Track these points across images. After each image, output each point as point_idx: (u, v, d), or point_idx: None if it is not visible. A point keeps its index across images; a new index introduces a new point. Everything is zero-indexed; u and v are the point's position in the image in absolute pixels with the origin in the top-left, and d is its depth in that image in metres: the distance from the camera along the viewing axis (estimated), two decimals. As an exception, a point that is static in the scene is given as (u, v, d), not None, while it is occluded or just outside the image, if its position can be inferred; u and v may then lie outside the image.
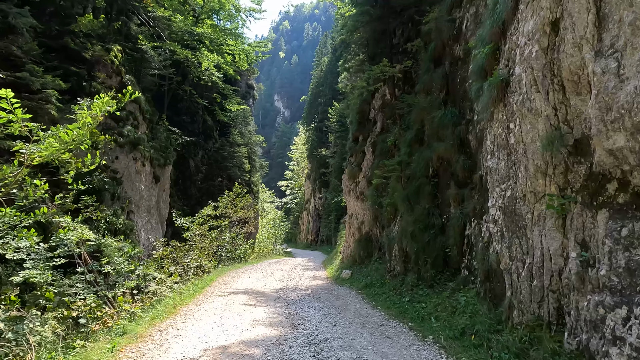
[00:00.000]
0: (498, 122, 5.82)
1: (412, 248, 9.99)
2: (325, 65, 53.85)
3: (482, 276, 6.37)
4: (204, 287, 11.17)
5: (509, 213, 5.33)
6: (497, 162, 5.82)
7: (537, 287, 4.59)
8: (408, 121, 13.37)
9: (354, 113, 19.04)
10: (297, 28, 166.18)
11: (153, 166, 17.94)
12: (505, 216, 5.41)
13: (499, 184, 5.68)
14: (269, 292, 11.48)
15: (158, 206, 19.33)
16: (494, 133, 6.09)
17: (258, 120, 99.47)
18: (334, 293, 11.53)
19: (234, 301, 9.37)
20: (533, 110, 4.72)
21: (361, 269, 14.82)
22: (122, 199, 15.12)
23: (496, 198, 5.73)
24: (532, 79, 4.72)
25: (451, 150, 9.40)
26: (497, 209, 5.64)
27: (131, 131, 15.80)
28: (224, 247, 20.64)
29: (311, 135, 49.96)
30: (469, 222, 8.24)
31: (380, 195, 14.44)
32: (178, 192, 24.94)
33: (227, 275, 15.02)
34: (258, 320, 7.47)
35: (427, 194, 10.32)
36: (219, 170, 29.04)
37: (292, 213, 62.15)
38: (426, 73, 11.70)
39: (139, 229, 16.14)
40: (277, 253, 33.64)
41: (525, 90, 4.87)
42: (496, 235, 5.64)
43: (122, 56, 16.32)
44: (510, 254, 5.25)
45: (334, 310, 8.76)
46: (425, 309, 7.72)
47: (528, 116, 4.82)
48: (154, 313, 7.37)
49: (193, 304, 8.73)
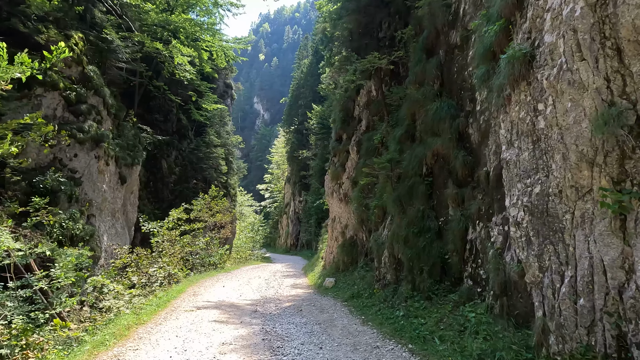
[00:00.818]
0: (519, 105, 4.85)
1: (405, 254, 8.97)
2: (306, 67, 52.89)
3: (497, 289, 5.38)
4: (170, 300, 9.81)
5: (538, 214, 4.34)
6: (518, 153, 4.84)
7: (584, 308, 3.60)
8: (397, 117, 12.43)
9: (338, 110, 18.03)
10: (277, 31, 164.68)
11: (119, 166, 16.39)
12: (532, 217, 4.42)
13: (522, 179, 4.70)
14: (244, 304, 10.24)
15: (125, 209, 17.74)
16: (511, 120, 5.12)
17: (237, 123, 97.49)
18: (317, 305, 10.39)
19: (203, 317, 8.09)
20: (576, 83, 3.75)
21: (346, 277, 13.73)
22: (81, 201, 13.62)
23: (518, 196, 4.75)
24: (574, 44, 3.76)
25: (449, 145, 8.46)
26: (521, 209, 4.65)
27: (93, 127, 14.28)
28: (197, 254, 19.16)
29: (291, 137, 48.76)
30: (472, 225, 7.28)
31: (367, 197, 13.43)
32: (149, 194, 23.26)
33: (198, 285, 13.64)
34: (229, 343, 6.24)
35: (421, 194, 9.34)
36: (193, 171, 27.47)
37: (271, 217, 60.66)
38: (418, 64, 10.77)
39: (101, 235, 14.60)
40: (255, 258, 32.25)
41: (563, 60, 3.90)
42: (519, 241, 4.64)
43: (83, 45, 14.77)
44: (541, 264, 4.26)
45: (318, 327, 7.62)
46: (424, 325, 6.67)
47: (568, 92, 3.85)
48: (101, 338, 6.03)
49: (153, 323, 7.39)
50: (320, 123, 37.55)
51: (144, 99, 23.42)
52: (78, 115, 13.86)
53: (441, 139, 8.76)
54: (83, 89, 13.99)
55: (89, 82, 14.44)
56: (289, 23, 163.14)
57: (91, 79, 14.59)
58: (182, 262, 17.06)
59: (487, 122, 7.03)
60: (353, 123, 16.76)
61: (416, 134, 10.57)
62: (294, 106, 51.29)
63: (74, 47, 13.88)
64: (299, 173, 44.77)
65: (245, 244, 34.25)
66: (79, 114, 13.89)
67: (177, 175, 26.12)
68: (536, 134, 4.48)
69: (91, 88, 14.57)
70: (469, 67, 8.28)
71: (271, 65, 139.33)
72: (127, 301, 8.15)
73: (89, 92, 14.43)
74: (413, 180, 9.71)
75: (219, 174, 29.36)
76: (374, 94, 15.67)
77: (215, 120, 30.91)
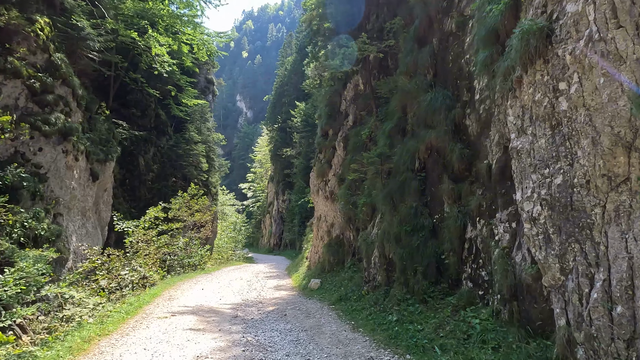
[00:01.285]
0: (534, 86, 4.31)
1: (397, 254, 8.40)
2: (290, 64, 52.08)
3: (506, 292, 4.84)
4: (142, 306, 8.98)
5: (560, 208, 3.80)
6: (532, 141, 4.31)
7: (623, 317, 3.07)
8: (386, 110, 11.89)
9: (323, 105, 17.39)
10: (261, 28, 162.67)
11: (90, 161, 15.35)
12: (552, 212, 3.88)
13: (538, 169, 4.16)
14: (224, 309, 9.50)
15: (97, 208, 16.70)
16: (522, 104, 4.59)
17: (219, 121, 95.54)
18: (302, 308, 9.73)
19: (177, 325, 7.33)
20: (611, 55, 3.21)
21: (332, 278, 13.12)
22: (47, 199, 12.64)
23: (533, 188, 4.21)
24: (608, 10, 3.23)
25: (444, 138, 7.93)
26: (537, 203, 4.11)
27: (60, 119, 13.27)
28: (175, 254, 18.22)
29: (275, 135, 47.89)
30: (471, 223, 6.75)
31: (354, 194, 12.84)
32: (124, 193, 22.10)
33: (175, 288, 12.79)
34: (205, 356, 5.52)
35: (414, 190, 8.79)
36: (173, 169, 26.36)
37: (254, 216, 59.62)
38: (409, 54, 10.24)
39: (69, 235, 13.60)
40: (237, 259, 31.36)
41: (593, 30, 3.37)
42: (535, 239, 4.10)
43: (50, 30, 13.71)
44: (564, 265, 3.72)
45: (304, 335, 6.98)
46: (422, 332, 6.10)
47: (600, 66, 3.31)
48: (54, 354, 5.22)
49: (119, 333, 6.59)
50: (305, 121, 36.86)
51: (120, 92, 22.25)
52: (44, 106, 12.86)
53: (435, 131, 8.23)
54: (49, 78, 12.96)
55: (56, 70, 13.40)
56: (273, 21, 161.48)
57: (59, 67, 13.54)
58: (159, 263, 16.15)
59: (488, 111, 6.51)
60: (339, 118, 16.17)
61: (407, 128, 10.04)
62: (278, 104, 50.42)
63: (38, 32, 12.86)
64: (283, 172, 44.01)
65: (227, 244, 33.31)
66: (45, 104, 12.89)
67: (155, 173, 24.99)
68: (556, 117, 3.95)
69: (59, 77, 13.53)
70: (465, 54, 7.77)
71: (254, 63, 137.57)
72: (91, 309, 7.32)
73: (56, 82, 13.40)
74: (405, 176, 9.16)
75: (199, 172, 28.30)
76: (362, 87, 15.11)
77: (196, 116, 29.82)
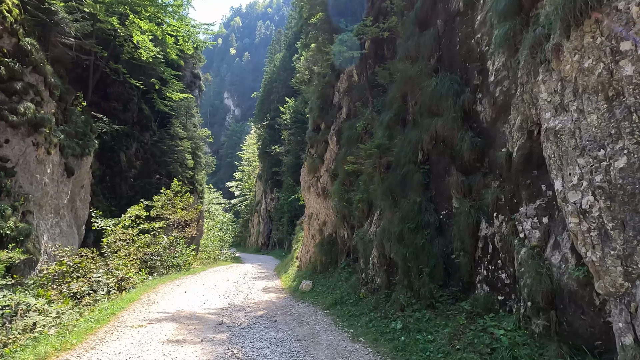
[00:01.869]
0: (580, 52, 3.58)
1: (399, 254, 7.64)
2: (279, 61, 51.06)
3: (541, 300, 4.10)
4: (116, 313, 8.04)
5: (624, 197, 3.08)
6: (579, 117, 3.57)
7: None
8: (384, 101, 11.13)
9: (315, 98, 16.57)
10: (249, 25, 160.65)
11: (65, 155, 14.26)
12: (612, 203, 3.16)
13: (589, 152, 3.43)
14: (208, 315, 8.62)
15: (73, 206, 15.59)
16: (562, 76, 3.86)
17: (207, 119, 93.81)
18: (294, 313, 8.91)
19: (153, 336, 6.44)
20: None
21: (325, 279, 12.33)
22: (14, 195, 11.62)
23: (582, 175, 3.48)
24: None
25: (452, 126, 7.20)
26: (588, 192, 3.38)
27: (30, 109, 12.21)
28: (158, 255, 17.20)
29: (263, 133, 46.89)
30: (485, 219, 6.03)
31: (349, 190, 12.07)
32: (104, 190, 20.93)
33: (156, 291, 11.84)
34: (182, 376, 4.68)
35: (417, 184, 8.05)
36: (156, 166, 25.21)
37: (241, 215, 58.47)
38: (410, 38, 9.50)
39: (40, 234, 12.56)
40: (224, 259, 30.36)
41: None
42: (586, 237, 3.37)
43: (19, 13, 12.62)
44: (629, 268, 3.00)
45: (298, 346, 6.17)
46: (433, 343, 5.34)
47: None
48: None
49: (83, 348, 5.68)
50: (294, 117, 35.97)
51: (100, 85, 21.06)
52: (11, 95, 11.82)
53: (442, 119, 7.50)
54: (17, 64, 11.91)
55: (25, 56, 12.33)
56: (262, 18, 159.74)
57: (29, 53, 12.46)
58: (140, 264, 15.14)
59: (506, 93, 5.79)
60: (332, 111, 15.37)
61: (408, 117, 9.30)
62: (266, 101, 49.40)
63: (6, 15, 11.77)
64: (271, 170, 43.08)
65: (213, 243, 32.26)
66: (13, 92, 11.85)
67: (137, 170, 23.82)
68: (614, 86, 3.22)
69: (29, 64, 12.46)
70: (476, 34, 7.05)
71: (243, 60, 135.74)
72: (54, 318, 6.39)
73: (26, 69, 12.33)
74: (406, 169, 8.41)
75: (184, 169, 27.19)
76: (356, 78, 14.35)
77: (182, 111, 28.70)
